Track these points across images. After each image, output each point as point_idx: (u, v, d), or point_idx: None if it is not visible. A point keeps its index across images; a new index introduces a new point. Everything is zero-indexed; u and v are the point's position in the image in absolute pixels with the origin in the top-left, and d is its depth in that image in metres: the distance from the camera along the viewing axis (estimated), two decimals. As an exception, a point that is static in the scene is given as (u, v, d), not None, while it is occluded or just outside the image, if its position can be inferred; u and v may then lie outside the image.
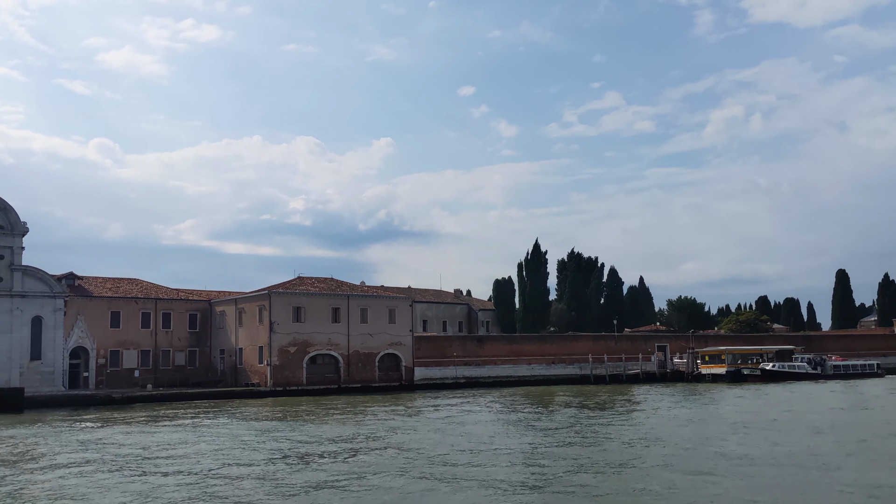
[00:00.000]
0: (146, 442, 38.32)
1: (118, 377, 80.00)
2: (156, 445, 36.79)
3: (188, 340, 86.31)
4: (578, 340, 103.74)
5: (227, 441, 38.25)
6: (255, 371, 79.91)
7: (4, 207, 72.84)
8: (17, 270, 72.53)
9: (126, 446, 36.64)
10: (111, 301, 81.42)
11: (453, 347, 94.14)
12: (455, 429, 42.55)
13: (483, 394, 75.69)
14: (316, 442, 37.63)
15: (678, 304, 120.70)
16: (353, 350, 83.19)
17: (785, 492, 23.30)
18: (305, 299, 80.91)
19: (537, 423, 45.82)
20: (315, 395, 75.66)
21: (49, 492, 25.26)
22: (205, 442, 38.10)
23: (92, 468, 29.90)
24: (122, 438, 40.18)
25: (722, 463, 28.94)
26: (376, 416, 52.68)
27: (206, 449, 35.23)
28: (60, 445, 37.41)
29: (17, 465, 31.11)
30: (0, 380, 69.51)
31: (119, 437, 41.05)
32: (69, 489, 25.66)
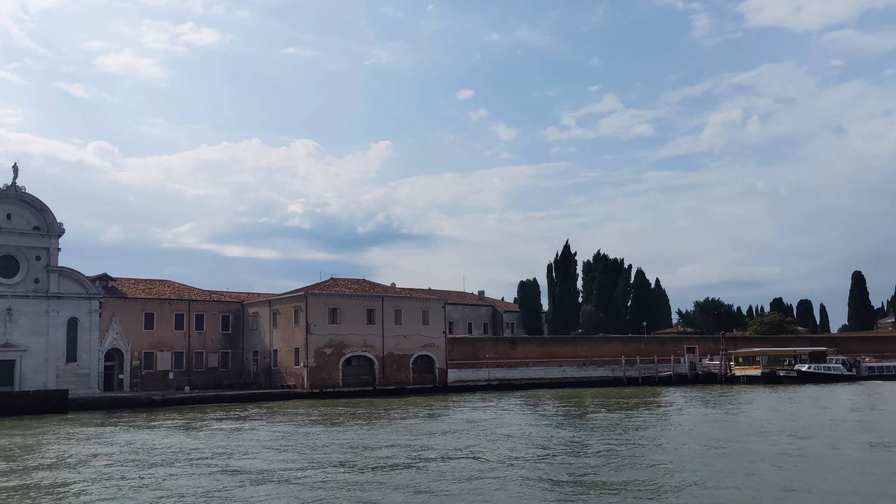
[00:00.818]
0: (217, 443, 37.72)
1: (152, 379, 79.43)
2: (228, 447, 36.19)
3: (221, 342, 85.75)
4: (608, 342, 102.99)
5: (295, 442, 37.64)
6: (290, 373, 79.29)
7: (41, 209, 72.37)
8: (53, 272, 72.04)
9: (197, 447, 36.06)
10: (145, 302, 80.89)
11: (485, 349, 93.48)
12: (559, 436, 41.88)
13: (523, 396, 74.98)
14: (412, 447, 37.01)
15: (705, 306, 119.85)
16: (388, 352, 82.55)
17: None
18: (341, 300, 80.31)
19: (627, 428, 45.11)
20: (351, 397, 75.13)
21: (144, 488, 24.69)
22: (276, 445, 37.51)
23: (178, 470, 29.31)
24: (187, 440, 39.59)
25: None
26: (449, 416, 52.05)
27: (280, 451, 34.64)
28: (123, 446, 36.84)
29: (91, 466, 30.55)
30: (37, 381, 69.04)
31: (182, 438, 40.46)
32: (159, 487, 25.08)
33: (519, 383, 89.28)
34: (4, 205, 70.62)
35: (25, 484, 26.96)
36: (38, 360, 70.18)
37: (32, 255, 71.34)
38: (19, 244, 70.71)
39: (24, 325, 69.83)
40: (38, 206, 72.31)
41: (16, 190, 71.25)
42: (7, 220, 70.45)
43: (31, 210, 71.88)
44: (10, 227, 70.34)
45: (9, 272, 70.08)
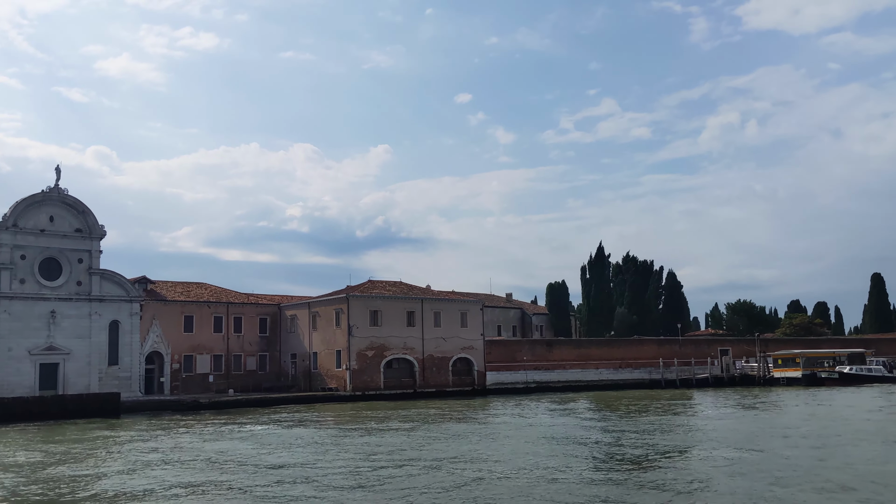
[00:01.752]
0: (304, 454, 37.12)
1: (192, 382, 78.94)
2: (313, 457, 35.59)
3: (258, 345, 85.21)
4: (643, 344, 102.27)
5: (379, 449, 37.02)
6: (332, 375, 78.68)
7: (83, 211, 71.97)
8: (95, 274, 71.63)
9: (268, 448, 35.48)
10: (184, 305, 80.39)
11: (522, 351, 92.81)
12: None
13: (569, 399, 74.25)
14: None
15: (737, 308, 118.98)
16: (428, 354, 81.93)
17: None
18: (381, 302, 79.74)
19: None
20: (393, 399, 74.46)
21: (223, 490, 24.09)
22: (360, 451, 36.90)
23: (257, 474, 28.71)
24: (271, 447, 38.98)
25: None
26: (521, 418, 51.37)
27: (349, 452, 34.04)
28: (188, 449, 36.25)
29: (167, 467, 29.95)
30: (80, 385, 68.62)
31: (260, 444, 39.86)
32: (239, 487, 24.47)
33: (556, 385, 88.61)
34: (47, 207, 70.26)
35: (125, 491, 26.39)
36: (81, 364, 69.76)
37: (75, 257, 70.97)
38: (62, 246, 70.34)
39: (66, 328, 69.43)
40: (80, 208, 71.93)
41: (58, 192, 70.90)
42: (50, 222, 70.09)
43: (73, 212, 71.49)
44: (52, 229, 69.97)
45: (52, 275, 69.70)
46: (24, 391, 64.63)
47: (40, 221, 69.63)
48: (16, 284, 67.42)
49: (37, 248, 69.02)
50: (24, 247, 68.42)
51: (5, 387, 64.75)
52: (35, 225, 69.25)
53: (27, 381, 66.38)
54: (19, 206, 68.72)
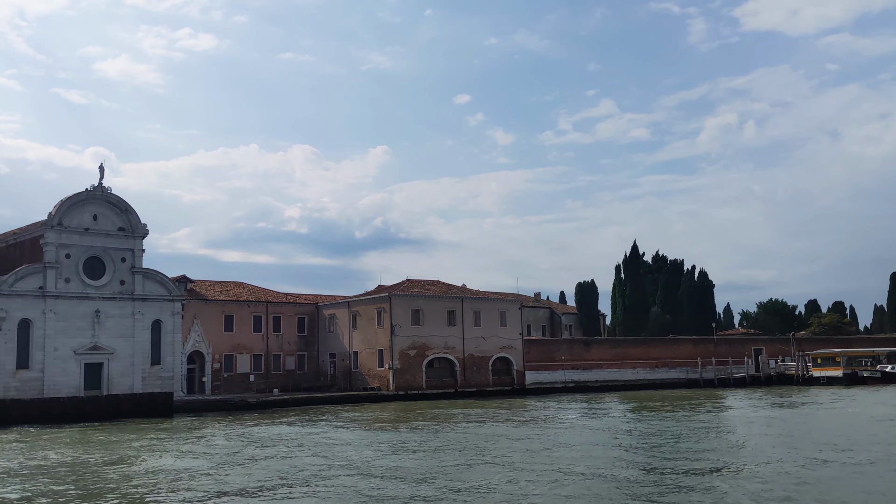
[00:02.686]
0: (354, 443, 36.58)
1: (233, 382, 78.47)
2: (375, 449, 35.04)
3: (297, 344, 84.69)
4: (679, 344, 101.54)
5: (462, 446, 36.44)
6: (373, 375, 78.10)
7: (126, 209, 71.47)
8: (137, 273, 71.06)
9: (345, 448, 34.93)
10: (224, 305, 79.90)
11: (561, 351, 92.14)
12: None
13: (611, 399, 73.63)
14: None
15: (768, 307, 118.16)
16: (468, 353, 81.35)
17: None
18: (423, 302, 79.16)
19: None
20: (436, 399, 73.90)
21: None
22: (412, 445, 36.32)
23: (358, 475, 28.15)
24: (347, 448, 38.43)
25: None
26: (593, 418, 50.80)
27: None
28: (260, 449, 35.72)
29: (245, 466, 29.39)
30: (123, 385, 68.02)
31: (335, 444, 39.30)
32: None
33: (594, 385, 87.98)
34: (91, 206, 69.73)
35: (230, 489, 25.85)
36: (125, 363, 69.14)
37: (118, 256, 70.41)
38: (105, 245, 69.78)
39: (110, 328, 68.85)
40: (123, 206, 71.42)
41: (102, 190, 70.39)
42: (93, 220, 69.56)
43: (116, 211, 70.98)
44: (96, 228, 69.44)
45: (95, 274, 69.15)
46: (69, 391, 64.10)
47: (84, 220, 69.12)
48: (61, 283, 66.88)
49: (81, 246, 68.50)
50: (69, 245, 67.91)
51: (52, 387, 64.24)
52: (79, 224, 68.74)
53: (73, 381, 65.79)
54: (64, 204, 68.26)
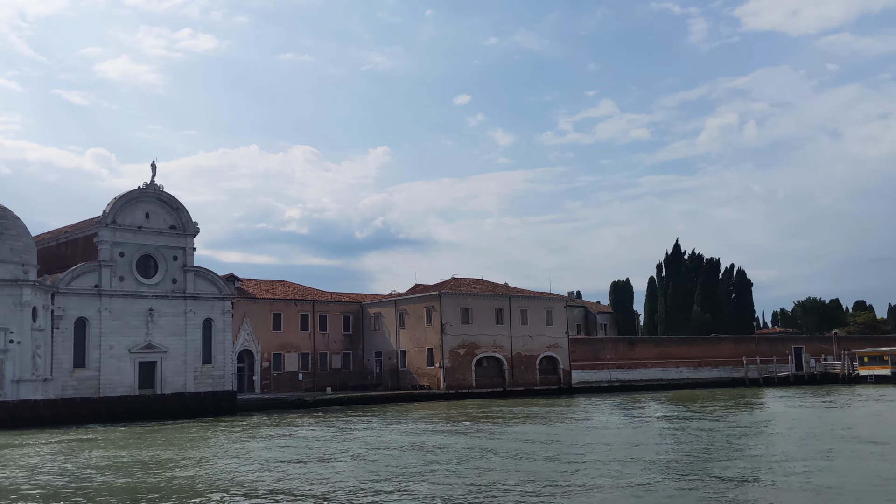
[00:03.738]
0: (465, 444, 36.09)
1: (281, 380, 78.15)
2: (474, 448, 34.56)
3: (343, 343, 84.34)
4: (721, 343, 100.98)
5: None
6: (422, 374, 77.68)
7: (177, 207, 71.25)
8: (189, 272, 70.82)
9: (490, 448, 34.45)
10: (273, 303, 79.61)
11: (606, 350, 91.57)
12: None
13: (669, 400, 72.95)
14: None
15: (808, 306, 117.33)
16: (516, 352, 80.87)
17: None
18: (472, 300, 78.71)
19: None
20: (487, 398, 73.37)
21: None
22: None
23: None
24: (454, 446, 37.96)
25: None
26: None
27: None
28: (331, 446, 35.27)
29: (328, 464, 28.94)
30: (176, 384, 67.74)
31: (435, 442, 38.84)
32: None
33: (639, 384, 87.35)
34: (143, 204, 69.51)
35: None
36: (178, 362, 68.89)
37: (170, 254, 70.21)
38: (157, 244, 69.59)
39: (163, 327, 68.61)
40: (175, 204, 71.20)
41: (154, 189, 70.15)
42: (146, 219, 69.34)
43: (168, 209, 70.76)
44: (148, 226, 69.23)
45: (148, 272, 68.95)
46: (124, 390, 63.87)
47: (137, 218, 68.90)
48: (115, 282, 66.68)
49: (134, 245, 68.31)
50: (123, 244, 67.70)
51: (107, 385, 64.04)
52: (132, 222, 68.53)
53: (127, 380, 65.58)
54: (118, 202, 68.00)
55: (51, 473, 29.12)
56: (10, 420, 47.86)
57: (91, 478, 27.86)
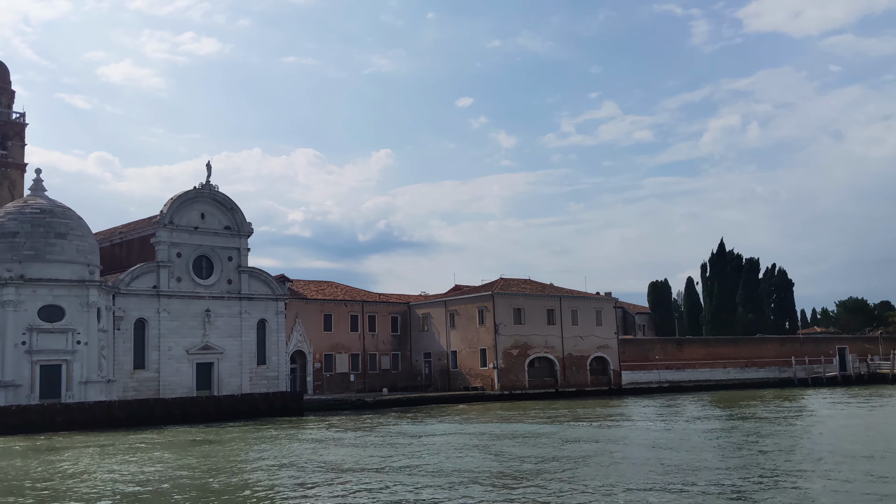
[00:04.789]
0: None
1: (333, 381, 77.74)
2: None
3: (391, 344, 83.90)
4: (766, 343, 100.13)
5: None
6: (475, 374, 77.16)
7: (231, 208, 70.94)
8: (244, 272, 70.48)
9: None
10: (323, 304, 79.23)
11: (654, 351, 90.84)
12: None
13: (728, 398, 72.23)
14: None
15: (849, 305, 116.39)
16: (567, 353, 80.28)
17: None
18: (524, 300, 78.19)
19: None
20: (541, 399, 72.86)
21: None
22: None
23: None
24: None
25: None
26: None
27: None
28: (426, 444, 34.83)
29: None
30: (232, 385, 67.39)
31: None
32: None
33: (688, 385, 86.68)
34: (199, 204, 69.23)
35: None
36: (233, 363, 68.55)
37: (225, 255, 69.88)
38: (213, 244, 69.28)
39: (220, 327, 68.27)
40: (229, 205, 70.90)
41: (209, 189, 69.88)
42: (201, 219, 69.07)
43: (223, 209, 70.46)
44: (204, 226, 68.95)
45: (204, 273, 68.67)
46: (183, 391, 63.58)
47: (193, 219, 68.62)
48: (173, 283, 66.37)
49: (190, 245, 68.01)
50: (179, 244, 67.42)
51: (167, 387, 63.75)
52: (188, 222, 68.26)
53: (186, 381, 65.26)
54: (174, 202, 67.75)
55: (221, 471, 29.02)
56: (89, 421, 47.64)
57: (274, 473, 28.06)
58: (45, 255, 55.73)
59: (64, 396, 54.05)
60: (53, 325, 54.75)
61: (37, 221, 56.68)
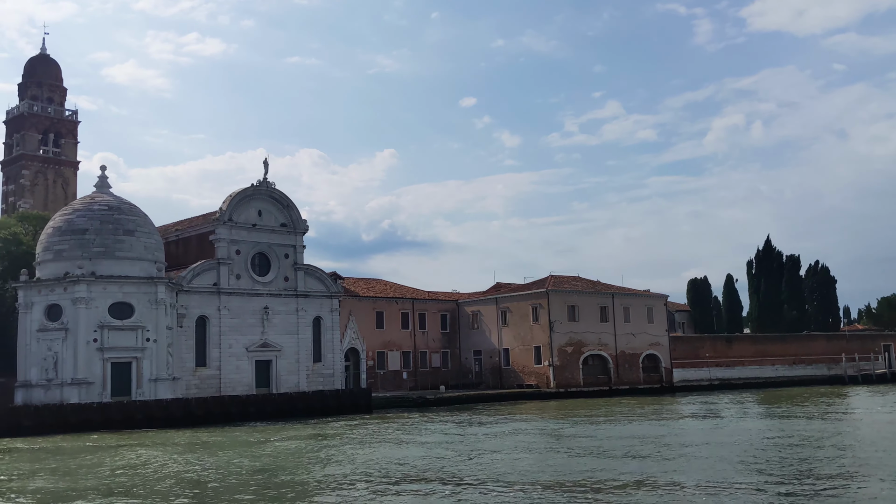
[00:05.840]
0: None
1: (385, 379, 77.47)
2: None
3: (441, 341, 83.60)
4: (813, 340, 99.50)
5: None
6: (528, 372, 76.76)
7: (287, 205, 70.74)
8: (299, 269, 70.26)
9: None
10: (375, 301, 78.98)
11: (705, 348, 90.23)
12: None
13: (786, 395, 71.55)
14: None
15: (893, 302, 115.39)
16: (620, 350, 79.77)
17: None
18: (577, 298, 77.73)
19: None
20: (595, 396, 72.39)
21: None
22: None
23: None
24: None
25: None
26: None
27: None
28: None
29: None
30: (290, 383, 67.10)
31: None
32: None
33: (738, 383, 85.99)
34: (256, 201, 68.96)
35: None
36: (291, 361, 68.25)
37: (281, 252, 69.67)
38: (270, 241, 69.09)
39: (277, 325, 68.03)
40: (285, 202, 70.71)
41: (266, 186, 69.68)
42: (258, 216, 68.88)
43: (279, 206, 70.26)
44: (261, 223, 68.76)
45: (261, 270, 68.47)
46: (243, 389, 63.37)
47: (251, 216, 68.41)
48: (232, 280, 66.16)
49: (249, 242, 67.82)
50: (238, 241, 67.22)
51: (227, 385, 63.48)
52: (246, 219, 68.04)
53: (245, 379, 65.02)
54: (233, 199, 67.54)
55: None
56: (167, 419, 47.52)
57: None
58: (114, 251, 55.68)
59: (134, 394, 54.01)
60: (123, 322, 54.70)
61: (105, 218, 56.62)
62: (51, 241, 56.17)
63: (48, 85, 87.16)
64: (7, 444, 41.47)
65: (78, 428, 46.64)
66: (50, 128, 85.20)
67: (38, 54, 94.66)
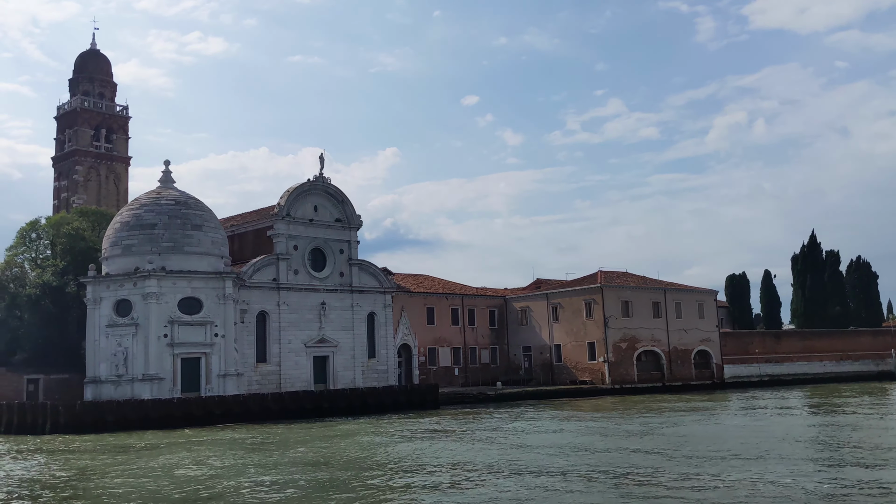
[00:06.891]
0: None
1: (437, 375, 77.11)
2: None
3: (490, 338, 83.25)
4: (860, 336, 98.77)
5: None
6: (582, 368, 76.31)
7: (342, 200, 70.45)
8: (354, 265, 70.00)
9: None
10: (426, 297, 78.69)
11: (754, 344, 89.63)
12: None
13: (861, 397, 70.83)
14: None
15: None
16: (673, 346, 79.26)
17: None
18: (630, 293, 77.25)
19: None
20: (651, 392, 71.89)
21: None
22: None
23: None
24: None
25: None
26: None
27: None
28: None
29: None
30: (346, 378, 66.90)
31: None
32: None
33: (787, 379, 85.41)
34: (312, 197, 68.70)
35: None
36: (346, 356, 68.01)
37: (336, 247, 69.39)
38: (326, 237, 68.82)
39: (334, 321, 67.79)
40: (340, 197, 70.41)
41: (322, 182, 69.43)
42: (314, 212, 68.63)
43: (334, 202, 69.98)
44: (318, 219, 68.51)
45: (318, 266, 68.22)
46: (301, 385, 63.20)
47: (307, 211, 68.17)
48: (291, 275, 65.97)
49: (306, 238, 67.57)
50: (296, 237, 66.99)
51: (287, 380, 63.32)
52: (303, 215, 67.80)
53: (304, 375, 64.82)
54: (291, 195, 67.28)
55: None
56: (244, 414, 47.34)
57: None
58: (182, 246, 55.54)
59: (203, 390, 53.83)
60: (193, 317, 54.54)
61: (173, 213, 56.50)
62: (119, 237, 56.01)
63: (99, 80, 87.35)
64: (120, 441, 41.05)
65: (158, 424, 46.37)
66: (101, 123, 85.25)
67: (88, 49, 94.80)
